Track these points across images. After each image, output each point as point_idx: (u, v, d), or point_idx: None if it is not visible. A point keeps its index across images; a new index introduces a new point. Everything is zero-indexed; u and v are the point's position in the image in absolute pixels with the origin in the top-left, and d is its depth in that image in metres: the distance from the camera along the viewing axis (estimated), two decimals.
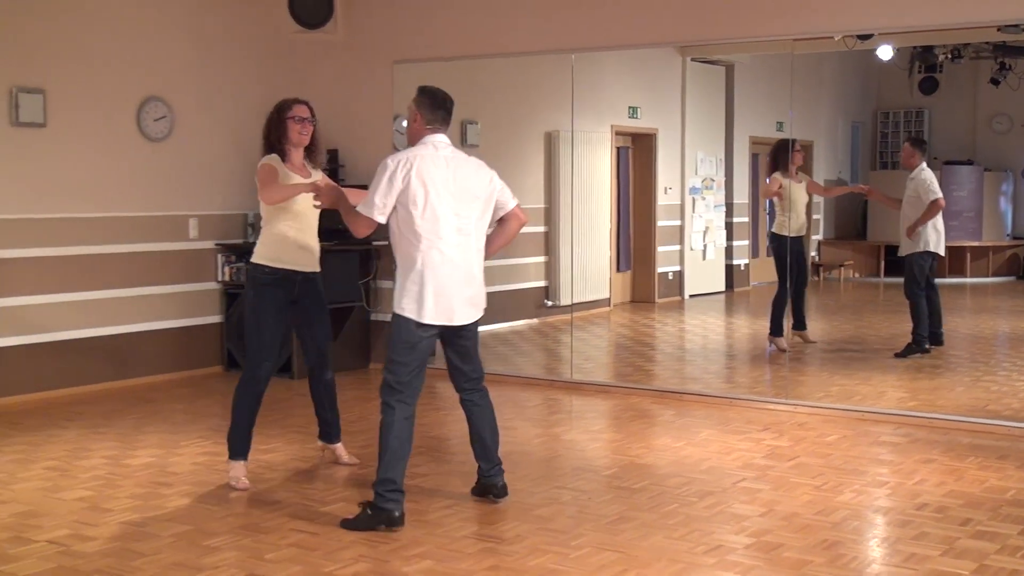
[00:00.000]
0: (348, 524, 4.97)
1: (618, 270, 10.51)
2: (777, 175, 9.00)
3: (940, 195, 8.71)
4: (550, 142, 9.78)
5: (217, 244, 9.07)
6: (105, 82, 8.30)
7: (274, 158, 5.69)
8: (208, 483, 5.74)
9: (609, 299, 10.36)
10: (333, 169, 9.23)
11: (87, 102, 8.18)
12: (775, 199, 9.12)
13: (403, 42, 9.12)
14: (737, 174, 10.56)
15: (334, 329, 8.95)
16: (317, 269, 5.86)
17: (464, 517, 5.10)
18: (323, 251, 5.85)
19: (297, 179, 5.62)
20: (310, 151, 5.82)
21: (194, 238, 8.94)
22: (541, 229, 9.82)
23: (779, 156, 8.99)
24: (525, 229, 5.49)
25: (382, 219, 5.00)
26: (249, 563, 4.50)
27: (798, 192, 9.04)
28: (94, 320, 8.28)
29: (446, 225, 5.02)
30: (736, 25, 7.77)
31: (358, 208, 5.04)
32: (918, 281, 8.70)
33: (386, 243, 8.82)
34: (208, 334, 9.10)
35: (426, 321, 5.00)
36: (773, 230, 9.12)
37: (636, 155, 10.54)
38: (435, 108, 5.18)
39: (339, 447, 6.20)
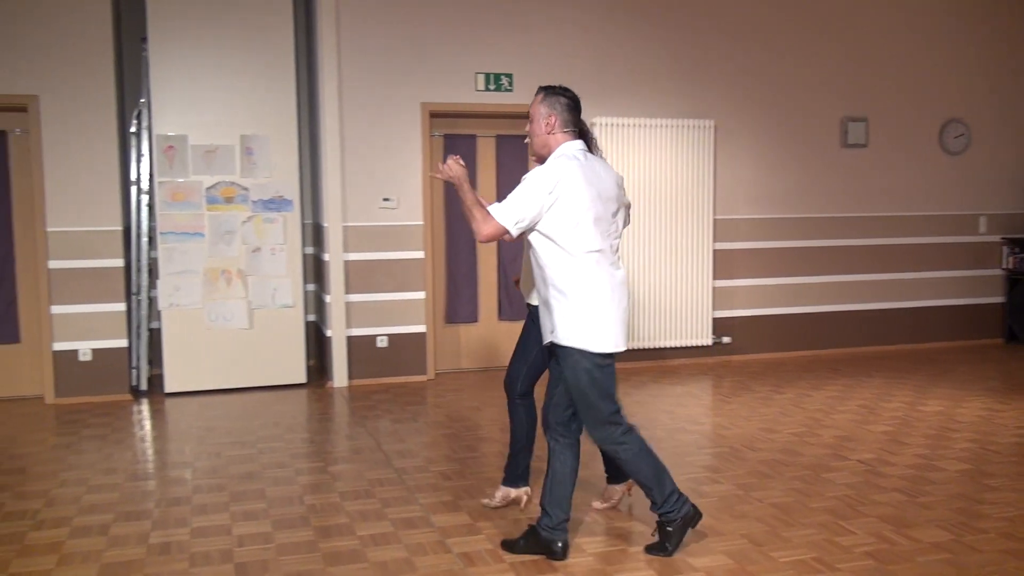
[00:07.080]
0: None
1: None
2: None
3: None
4: None
5: (1003, 238, 8.25)
6: (913, 109, 7.96)
7: None
8: (989, 432, 5.25)
9: None
10: None
11: (898, 126, 7.91)
12: None
13: None
14: None
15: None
16: (526, 299, 3.89)
17: None
18: None
19: None
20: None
21: (983, 232, 8.23)
22: None
23: None
24: None
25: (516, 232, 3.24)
26: None
27: None
28: (894, 296, 8.03)
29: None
30: None
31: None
32: None
33: None
34: (990, 312, 8.33)
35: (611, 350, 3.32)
36: None
37: None
38: (574, 111, 3.39)
39: (516, 492, 4.05)
